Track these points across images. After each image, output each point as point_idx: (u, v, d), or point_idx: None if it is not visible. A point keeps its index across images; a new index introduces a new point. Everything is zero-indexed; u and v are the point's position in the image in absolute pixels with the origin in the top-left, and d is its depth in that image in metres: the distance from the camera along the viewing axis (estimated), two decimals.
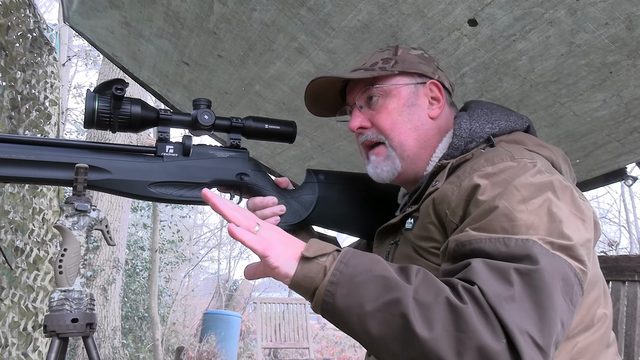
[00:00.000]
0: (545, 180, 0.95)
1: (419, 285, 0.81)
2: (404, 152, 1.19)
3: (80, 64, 11.38)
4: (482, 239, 0.87)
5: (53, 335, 1.06)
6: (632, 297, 1.59)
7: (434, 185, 1.10)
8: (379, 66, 1.20)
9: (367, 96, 1.22)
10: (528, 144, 1.10)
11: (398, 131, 1.18)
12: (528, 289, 0.79)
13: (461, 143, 1.14)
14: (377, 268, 0.84)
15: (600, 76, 1.51)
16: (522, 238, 0.85)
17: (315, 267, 0.85)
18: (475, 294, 0.78)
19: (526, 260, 0.82)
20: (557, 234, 0.87)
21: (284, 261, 0.85)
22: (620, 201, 10.42)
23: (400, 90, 1.20)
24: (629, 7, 1.26)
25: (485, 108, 1.20)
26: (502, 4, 1.37)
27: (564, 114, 1.71)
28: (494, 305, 0.76)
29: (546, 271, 0.80)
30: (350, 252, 0.87)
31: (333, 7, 1.62)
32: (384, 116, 1.19)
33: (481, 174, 0.98)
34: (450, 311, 0.77)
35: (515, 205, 0.89)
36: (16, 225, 2.67)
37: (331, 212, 1.35)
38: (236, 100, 2.52)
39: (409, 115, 1.19)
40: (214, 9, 1.94)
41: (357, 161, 2.41)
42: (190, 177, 1.22)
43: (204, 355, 7.47)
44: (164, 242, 8.95)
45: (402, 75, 1.21)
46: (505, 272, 0.80)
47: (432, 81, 1.21)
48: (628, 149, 1.80)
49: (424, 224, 1.07)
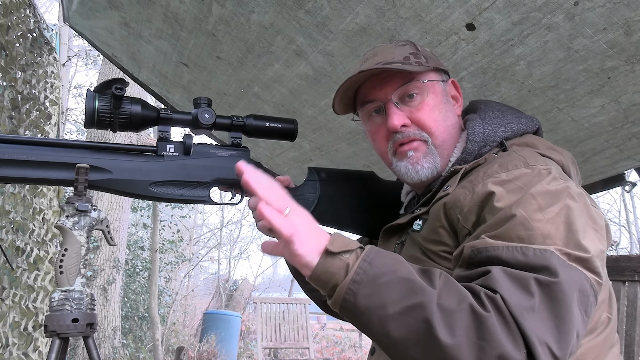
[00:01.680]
0: (561, 187, 0.95)
1: (442, 289, 0.80)
2: (444, 151, 1.15)
3: (80, 64, 11.39)
4: (499, 246, 0.86)
5: (54, 335, 1.06)
6: (632, 297, 1.59)
7: (445, 189, 1.08)
8: (414, 60, 1.14)
9: (404, 92, 1.14)
10: (540, 147, 1.09)
11: (441, 129, 1.14)
12: (548, 300, 0.79)
13: (475, 148, 1.12)
14: (401, 269, 0.83)
15: (599, 82, 1.50)
16: (540, 248, 0.84)
17: (337, 263, 0.84)
18: (498, 303, 0.78)
19: (545, 271, 0.82)
20: (573, 244, 0.87)
21: (307, 251, 0.84)
22: (620, 201, 10.42)
23: (436, 86, 1.16)
24: (627, 12, 1.26)
25: (496, 110, 1.18)
26: (500, 8, 1.37)
27: (562, 120, 1.71)
28: (516, 315, 0.77)
29: (565, 283, 0.81)
30: (374, 250, 0.86)
31: (331, 10, 1.62)
32: (426, 113, 1.13)
33: (496, 181, 0.97)
34: (473, 319, 0.77)
35: (532, 214, 0.89)
36: (17, 225, 2.67)
37: (333, 210, 1.34)
38: (235, 101, 2.52)
39: (446, 112, 1.16)
40: (213, 11, 1.94)
41: (355, 163, 2.41)
42: (191, 176, 1.22)
43: (204, 355, 7.47)
44: (164, 242, 8.95)
45: (434, 71, 1.17)
46: (526, 282, 0.80)
47: (452, 79, 1.21)
48: (626, 155, 1.79)
49: (434, 227, 1.05)
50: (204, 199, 1.24)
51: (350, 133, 2.23)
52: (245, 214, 13.00)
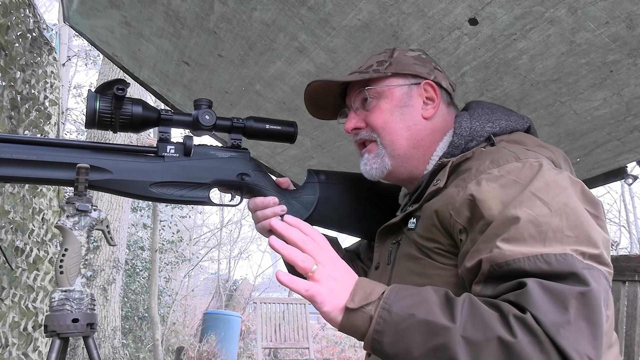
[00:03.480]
0: (559, 177, 0.96)
1: (466, 321, 0.81)
2: (395, 151, 1.20)
3: (80, 64, 11.37)
4: (520, 258, 0.85)
5: (54, 335, 1.06)
6: (632, 297, 1.59)
7: (435, 184, 1.10)
8: (373, 69, 1.22)
9: (361, 98, 1.24)
10: (528, 144, 1.10)
11: (389, 130, 1.20)
12: (583, 310, 0.80)
13: (462, 142, 1.15)
14: (420, 311, 0.84)
15: (601, 75, 1.51)
16: (560, 253, 0.85)
17: (360, 316, 0.87)
18: (529, 324, 0.78)
19: (572, 278, 0.82)
20: (584, 239, 0.88)
21: (330, 309, 0.89)
22: (620, 201, 10.46)
23: (393, 91, 1.21)
24: (629, 6, 1.26)
25: (486, 108, 1.20)
26: (503, 3, 1.37)
27: (564, 113, 1.71)
28: (552, 334, 0.77)
29: (595, 290, 0.82)
30: (393, 293, 0.88)
31: (333, 7, 1.62)
32: (376, 115, 1.21)
33: (488, 177, 0.98)
34: (501, 348, 0.77)
35: (537, 210, 0.89)
36: (16, 225, 2.67)
37: (332, 212, 1.35)
38: (236, 99, 2.52)
39: (402, 115, 1.20)
40: (214, 9, 1.94)
41: (357, 161, 2.39)
42: (191, 177, 1.22)
43: (204, 355, 7.47)
44: (164, 242, 8.94)
45: (395, 76, 1.22)
46: (562, 296, 0.80)
47: (427, 81, 1.22)
48: (628, 147, 1.80)
49: (427, 225, 1.06)
50: (204, 200, 1.24)
51: None
52: (245, 214, 13.00)
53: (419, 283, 0.99)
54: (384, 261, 1.21)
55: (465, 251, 0.97)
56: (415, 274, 1.07)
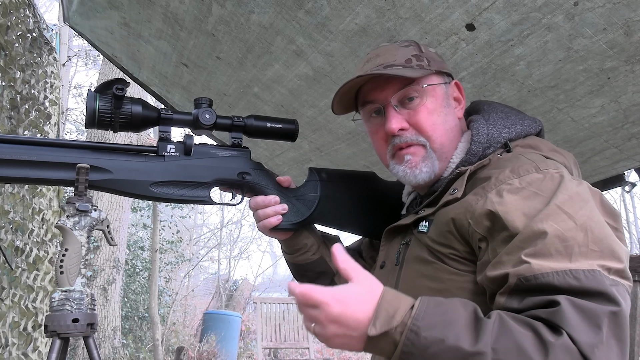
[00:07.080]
0: (580, 188, 0.96)
1: (497, 341, 0.80)
2: (443, 154, 1.14)
3: (80, 64, 11.39)
4: (548, 273, 0.85)
5: (54, 335, 1.06)
6: (632, 297, 1.58)
7: (452, 193, 1.07)
8: (415, 63, 1.13)
9: (404, 95, 1.13)
10: (543, 149, 1.09)
11: (439, 132, 1.13)
12: (614, 328, 0.81)
13: (479, 149, 1.11)
14: (450, 336, 0.81)
15: (598, 82, 1.50)
16: (588, 269, 0.85)
17: (384, 340, 0.84)
18: (566, 343, 0.78)
19: (603, 297, 0.82)
20: (609, 254, 0.88)
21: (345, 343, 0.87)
22: (620, 201, 10.43)
23: (436, 89, 1.15)
24: (627, 12, 1.26)
25: (500, 112, 1.17)
26: (500, 9, 1.36)
27: (562, 120, 1.71)
28: (587, 354, 0.78)
29: (625, 309, 0.83)
30: (422, 311, 0.84)
31: (331, 11, 1.62)
32: (424, 117, 1.13)
33: (510, 189, 0.96)
34: None
35: (563, 224, 0.89)
36: (16, 225, 2.67)
37: (333, 210, 1.33)
38: (235, 102, 2.52)
39: (445, 115, 1.15)
40: (213, 11, 1.94)
41: (355, 164, 2.41)
42: (191, 176, 1.22)
43: (204, 355, 7.47)
44: (163, 242, 8.95)
45: (436, 74, 1.16)
46: (595, 315, 0.81)
47: (455, 81, 1.20)
48: (626, 155, 1.79)
49: (442, 231, 1.04)
50: (204, 199, 1.24)
51: (350, 133, 2.23)
52: (245, 214, 13.02)
53: (432, 287, 0.99)
54: (391, 261, 1.18)
55: (486, 260, 0.95)
56: (426, 277, 1.05)
